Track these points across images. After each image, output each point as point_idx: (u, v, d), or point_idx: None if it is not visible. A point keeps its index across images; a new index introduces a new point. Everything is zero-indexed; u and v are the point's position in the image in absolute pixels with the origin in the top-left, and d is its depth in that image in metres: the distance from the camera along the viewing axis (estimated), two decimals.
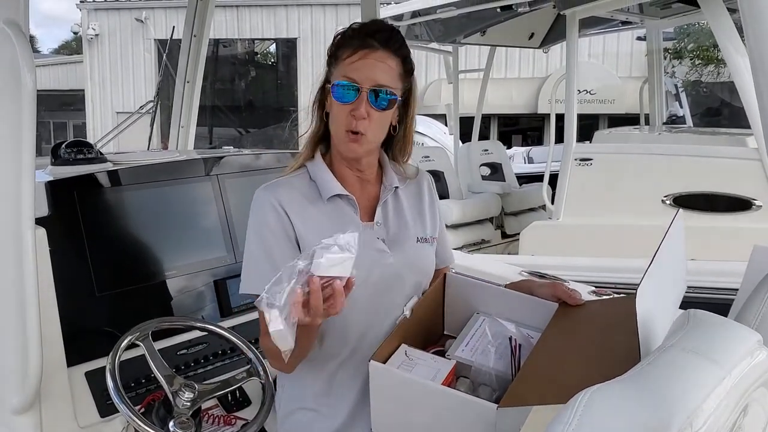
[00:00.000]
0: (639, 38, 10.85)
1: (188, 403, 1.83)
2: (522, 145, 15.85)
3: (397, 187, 1.65)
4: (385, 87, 1.50)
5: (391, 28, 1.56)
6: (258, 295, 1.46)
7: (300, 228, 1.53)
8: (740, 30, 4.33)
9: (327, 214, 1.55)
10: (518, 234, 5.52)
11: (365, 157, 1.59)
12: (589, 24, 6.12)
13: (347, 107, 1.49)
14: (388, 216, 1.64)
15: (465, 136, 7.58)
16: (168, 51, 5.07)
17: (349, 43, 1.52)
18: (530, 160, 11.75)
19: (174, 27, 4.68)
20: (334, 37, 1.57)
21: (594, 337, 1.55)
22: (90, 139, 6.47)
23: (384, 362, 1.47)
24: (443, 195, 6.65)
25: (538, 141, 17.26)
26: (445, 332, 1.77)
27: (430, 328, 1.73)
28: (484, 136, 8.71)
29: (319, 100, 1.59)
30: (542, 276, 2.94)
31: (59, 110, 21.02)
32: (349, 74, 1.49)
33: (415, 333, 1.61)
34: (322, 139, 1.62)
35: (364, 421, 1.57)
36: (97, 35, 18.59)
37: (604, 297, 2.70)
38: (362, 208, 1.60)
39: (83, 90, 19.02)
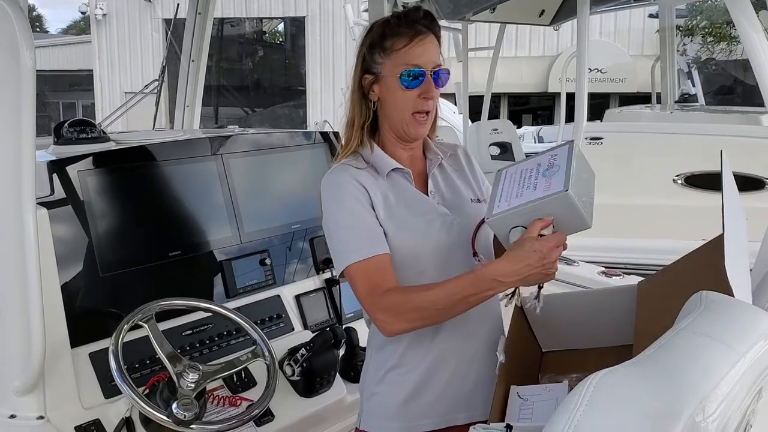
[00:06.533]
0: (651, 15, 10.73)
1: (192, 385, 1.82)
2: (532, 125, 15.77)
3: (441, 158, 1.74)
4: (442, 67, 1.63)
5: (426, 11, 1.66)
6: (360, 260, 1.53)
7: (374, 201, 1.61)
8: (755, 6, 4.26)
9: (389, 188, 1.64)
10: None
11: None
12: (600, 0, 6.02)
13: (415, 92, 1.61)
14: (439, 184, 1.71)
15: (474, 115, 7.51)
16: (173, 29, 5.02)
17: (399, 31, 1.61)
18: (540, 140, 11.68)
19: (178, 5, 4.64)
20: (371, 28, 1.66)
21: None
22: (98, 120, 6.45)
23: (501, 417, 1.46)
24: None
25: (549, 120, 17.15)
26: (543, 350, 1.77)
27: (527, 355, 1.72)
28: (493, 115, 8.66)
29: (359, 89, 1.66)
30: None
31: (68, 90, 21.03)
32: (413, 61, 1.60)
33: (517, 369, 1.61)
34: (370, 125, 1.69)
35: (435, 382, 1.64)
36: (105, 15, 18.55)
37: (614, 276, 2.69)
38: (415, 181, 1.69)
39: (92, 70, 19.01)
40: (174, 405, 1.76)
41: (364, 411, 1.73)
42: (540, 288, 1.53)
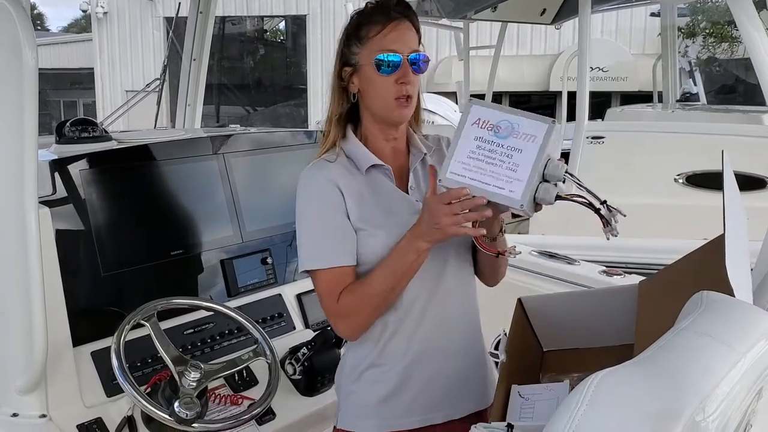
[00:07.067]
0: (653, 14, 10.71)
1: (194, 383, 1.82)
2: None
3: (425, 154, 1.72)
4: (419, 52, 1.63)
5: (401, 0, 1.65)
6: (323, 269, 1.59)
7: (348, 201, 1.61)
8: (757, 5, 4.25)
9: (366, 185, 1.64)
10: None
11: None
12: None
13: (392, 77, 1.59)
14: (420, 181, 1.70)
15: None
16: (174, 27, 5.03)
17: (373, 19, 1.62)
18: None
19: (180, 3, 4.63)
20: (351, 19, 1.67)
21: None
22: (99, 118, 6.46)
23: (502, 416, 1.46)
24: None
25: None
26: (544, 349, 1.76)
27: (528, 355, 1.72)
28: None
29: (338, 82, 1.66)
30: (552, 255, 2.91)
31: (69, 89, 21.02)
32: (388, 46, 1.59)
33: (518, 368, 1.61)
34: (349, 118, 1.69)
35: (415, 381, 1.63)
36: (106, 13, 18.53)
37: (615, 276, 2.68)
38: (396, 177, 1.68)
39: (93, 68, 19.00)
40: (176, 404, 1.76)
41: (341, 410, 1.72)
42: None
